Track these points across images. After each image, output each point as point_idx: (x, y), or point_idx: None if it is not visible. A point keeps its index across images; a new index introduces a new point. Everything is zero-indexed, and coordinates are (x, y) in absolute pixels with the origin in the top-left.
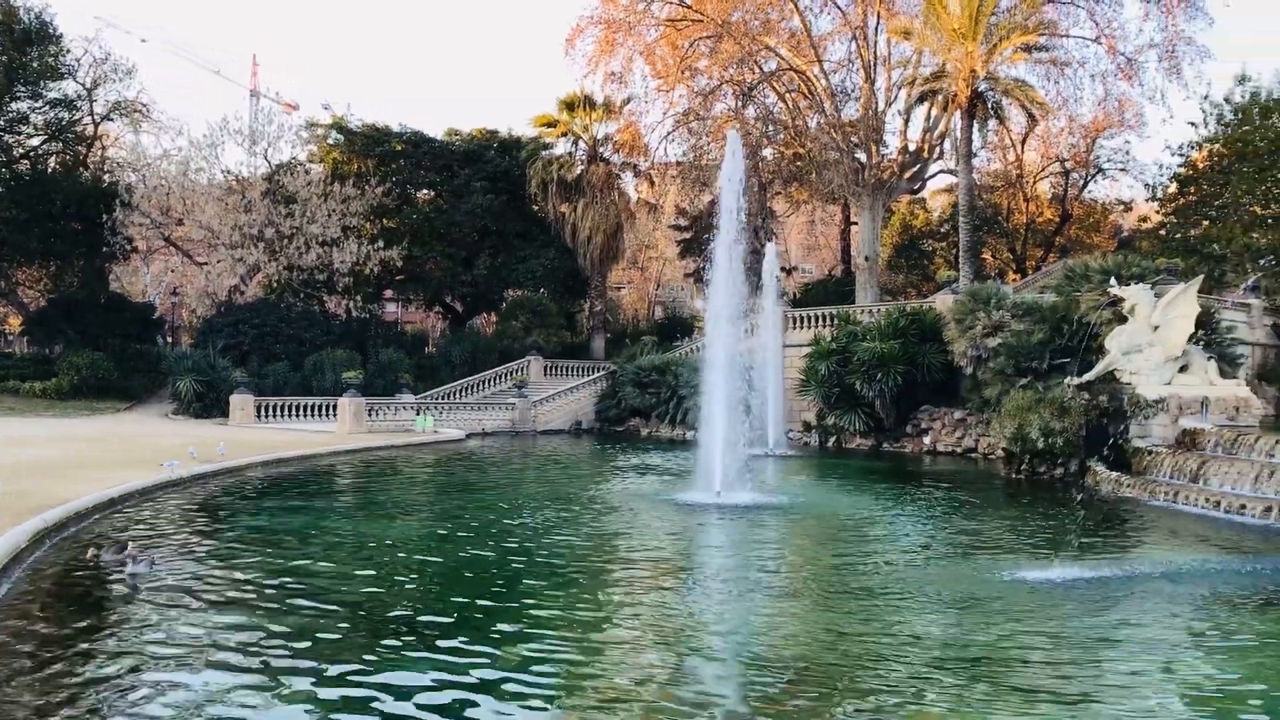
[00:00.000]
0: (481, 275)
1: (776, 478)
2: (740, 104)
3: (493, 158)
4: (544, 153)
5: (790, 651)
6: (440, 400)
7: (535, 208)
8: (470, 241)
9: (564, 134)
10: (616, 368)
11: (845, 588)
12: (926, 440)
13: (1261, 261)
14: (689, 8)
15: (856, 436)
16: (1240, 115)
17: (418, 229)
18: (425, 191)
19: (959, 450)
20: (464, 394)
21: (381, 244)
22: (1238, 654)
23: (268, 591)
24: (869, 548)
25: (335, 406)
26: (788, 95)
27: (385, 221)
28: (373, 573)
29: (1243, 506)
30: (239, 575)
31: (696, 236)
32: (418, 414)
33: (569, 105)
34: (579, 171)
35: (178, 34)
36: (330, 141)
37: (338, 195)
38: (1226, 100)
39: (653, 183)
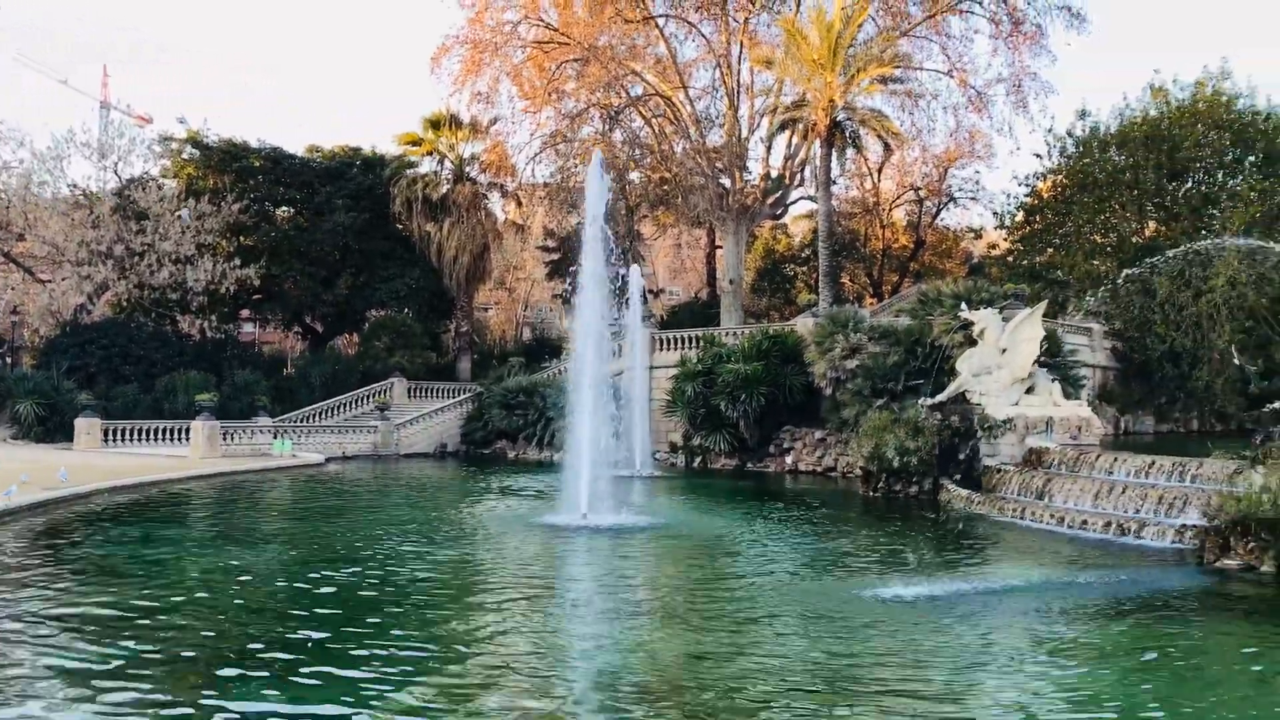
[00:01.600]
0: (343, 295)
1: (643, 499)
2: (607, 127)
3: (356, 175)
4: (409, 171)
5: (652, 673)
6: (299, 423)
7: (400, 227)
8: (331, 260)
9: (429, 153)
10: (483, 389)
11: (708, 608)
12: (789, 460)
13: (1101, 288)
14: (556, 31)
15: (722, 457)
16: (1081, 148)
17: (277, 247)
18: (285, 209)
19: (819, 469)
20: (324, 416)
21: (238, 262)
22: (1084, 662)
23: (108, 624)
24: (732, 567)
25: (188, 430)
26: (654, 120)
27: (242, 239)
28: (224, 603)
29: (1084, 522)
30: (77, 608)
31: (565, 258)
32: (275, 437)
33: (435, 124)
34: (445, 191)
35: (22, 40)
36: (185, 156)
37: (192, 212)
38: (1069, 134)
39: (520, 203)
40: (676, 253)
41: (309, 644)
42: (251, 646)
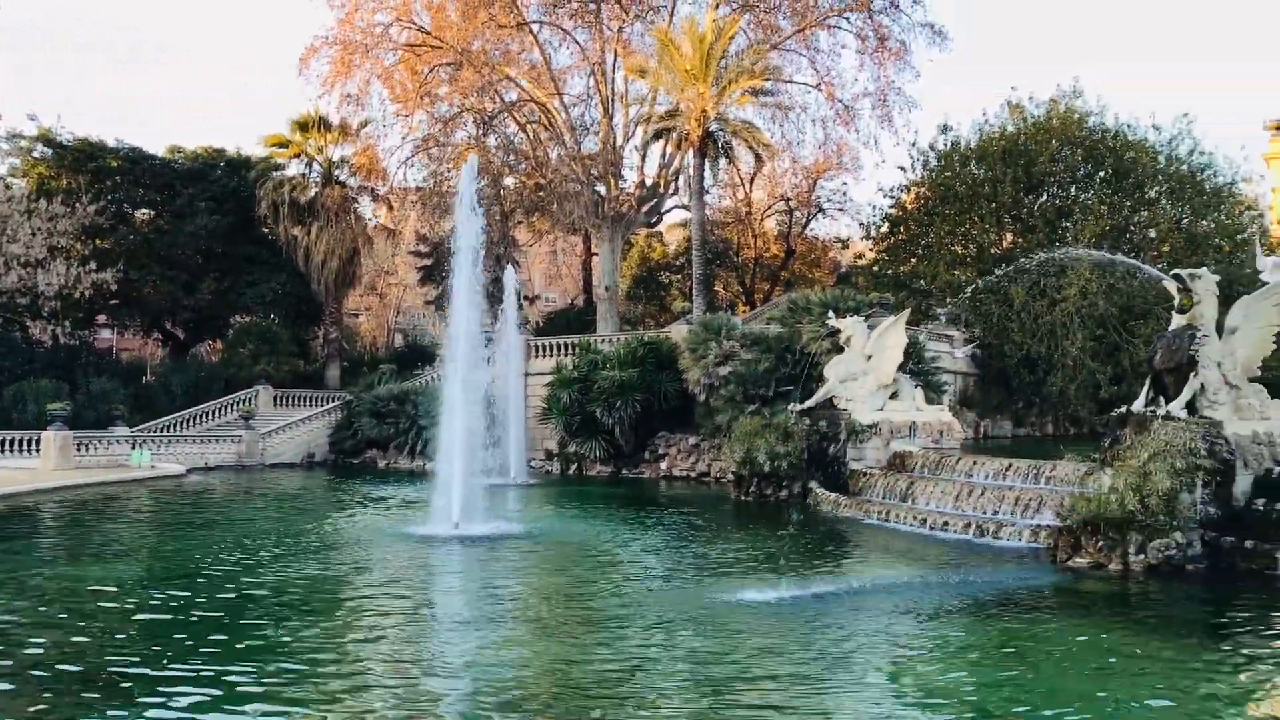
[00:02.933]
0: (206, 300)
1: (517, 507)
2: (481, 132)
3: (219, 177)
4: (275, 173)
5: (522, 681)
6: (159, 433)
7: (266, 230)
8: (194, 264)
9: (297, 155)
10: (353, 397)
11: (580, 615)
12: (663, 466)
13: (962, 295)
14: (428, 34)
15: (597, 464)
16: (943, 162)
17: (135, 250)
18: (144, 211)
19: (693, 475)
20: (186, 426)
21: (94, 266)
22: (944, 658)
23: None
24: (605, 574)
25: (39, 441)
26: (529, 126)
27: (99, 242)
28: (75, 621)
29: (946, 523)
30: None
31: (438, 263)
32: (134, 448)
33: (303, 126)
34: (313, 194)
35: None
36: (36, 155)
37: (44, 213)
38: (931, 147)
39: (392, 207)
40: (552, 259)
41: (165, 662)
42: (104, 665)
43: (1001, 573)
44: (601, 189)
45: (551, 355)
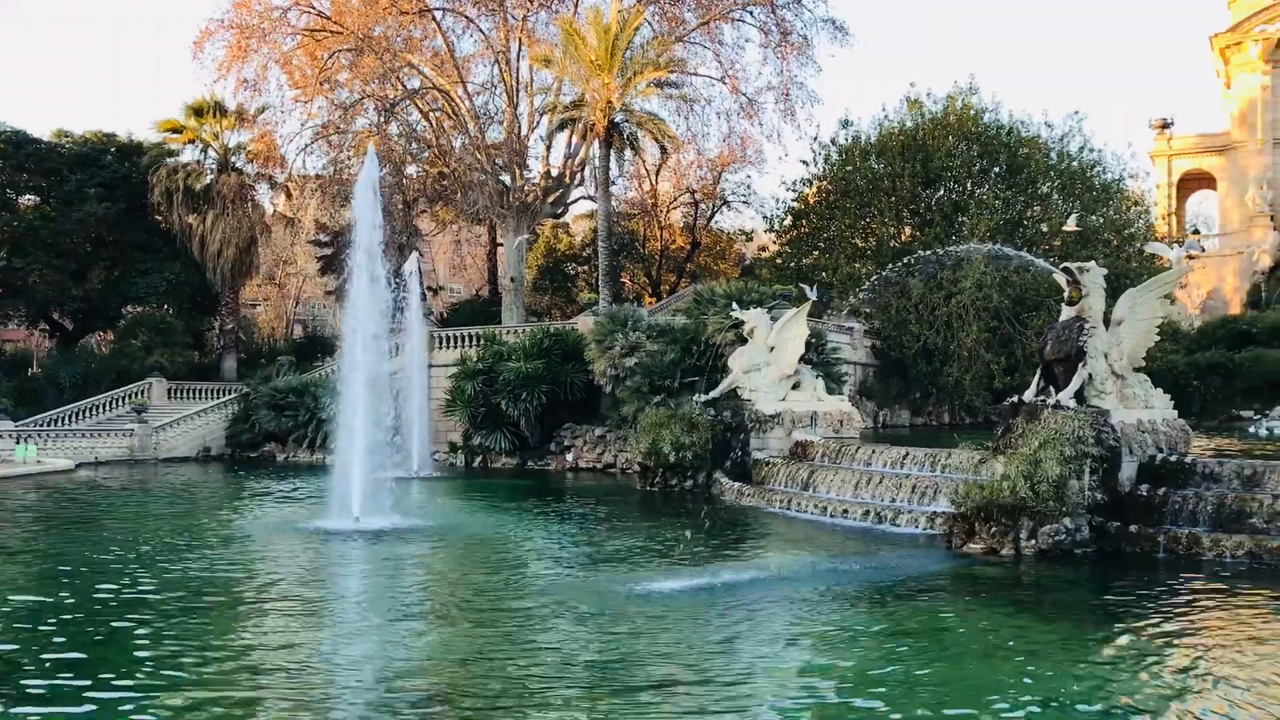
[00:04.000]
0: (96, 290)
1: (420, 500)
2: (383, 119)
3: (110, 163)
4: (169, 160)
5: (424, 675)
6: (46, 427)
7: (159, 218)
8: (83, 253)
9: (192, 141)
10: (250, 389)
11: (484, 608)
12: (569, 457)
13: (861, 288)
14: (328, 19)
15: (502, 456)
16: (844, 156)
17: (19, 238)
18: (29, 197)
19: (600, 466)
20: (75, 419)
21: None
22: (843, 644)
23: None
24: (510, 566)
25: None
26: (432, 114)
27: None
28: None
29: (845, 511)
30: None
31: (338, 253)
32: (18, 442)
33: (198, 111)
34: (209, 181)
35: None
36: None
37: None
38: (833, 142)
39: (290, 196)
40: (457, 249)
41: (51, 664)
42: None
43: (899, 559)
44: (506, 179)
45: (456, 347)
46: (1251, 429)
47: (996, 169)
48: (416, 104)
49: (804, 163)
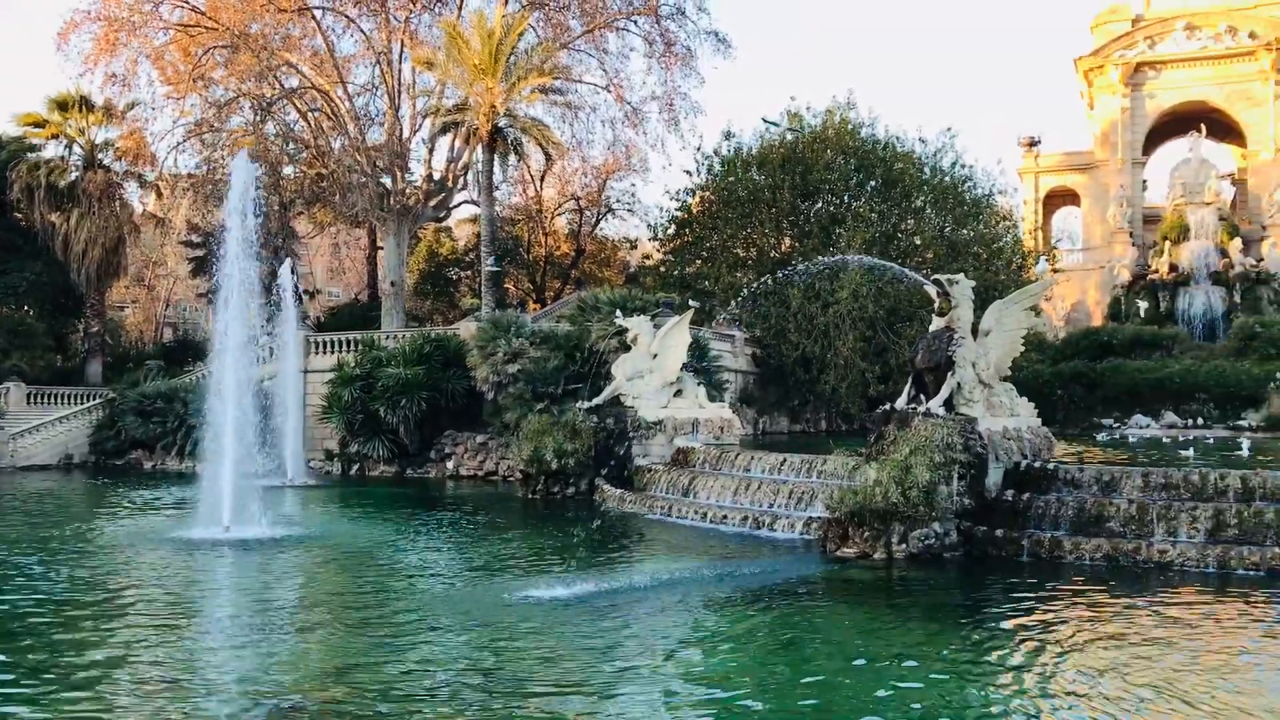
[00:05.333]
0: None
1: (294, 509)
2: (259, 119)
3: None
4: (31, 155)
5: (294, 687)
6: None
7: (19, 216)
8: None
9: (55, 136)
10: (117, 394)
11: (360, 618)
12: (450, 465)
13: (741, 297)
14: (202, 14)
15: (380, 464)
16: (726, 167)
17: None
18: None
19: (481, 474)
20: None
21: None
22: (721, 649)
23: None
24: (386, 576)
25: None
26: (310, 114)
27: None
28: None
29: (725, 516)
30: None
31: (210, 254)
32: None
33: (62, 105)
34: (73, 178)
35: None
36: None
37: None
38: (716, 153)
39: (161, 195)
40: (335, 252)
41: None
42: None
43: (775, 564)
44: (387, 181)
45: (333, 352)
46: (1102, 435)
47: (872, 183)
48: (294, 104)
49: (687, 172)
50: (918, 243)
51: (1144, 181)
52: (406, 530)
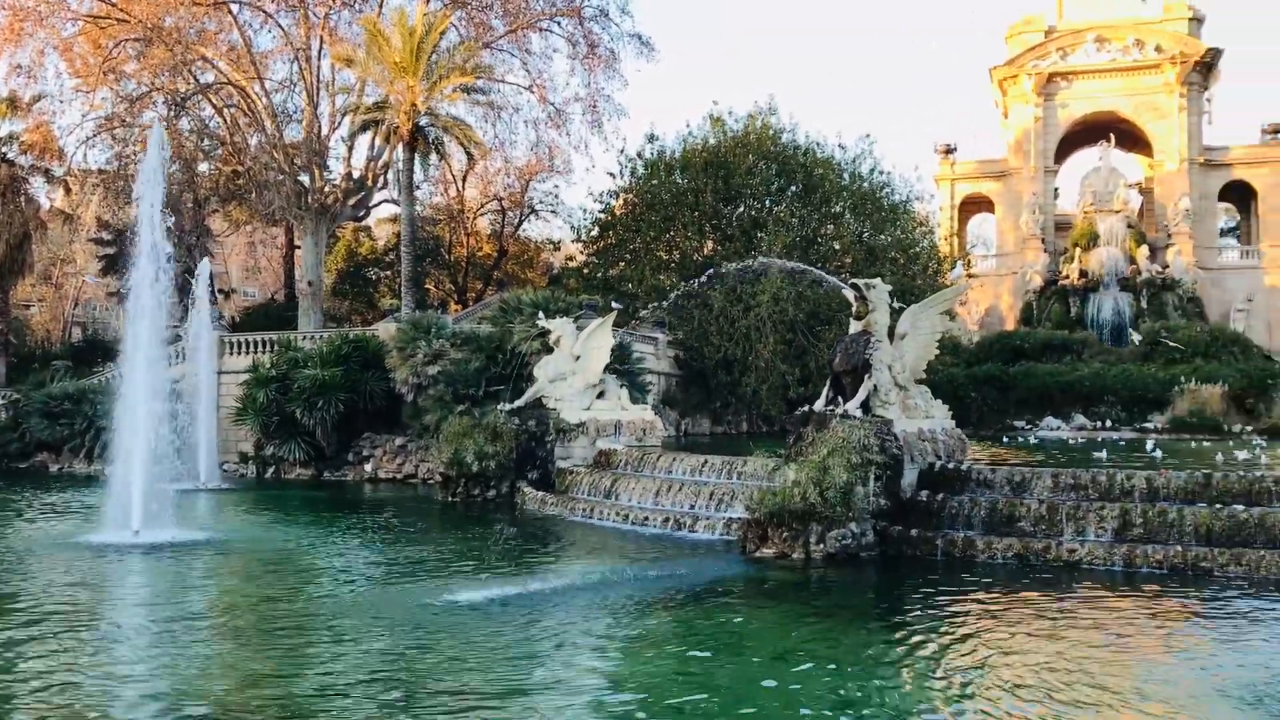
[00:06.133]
0: None
1: (207, 512)
2: (173, 114)
3: None
4: None
5: (204, 695)
6: None
7: None
8: None
9: None
10: (21, 395)
11: (274, 623)
12: (368, 468)
13: (664, 300)
14: (114, 6)
15: (297, 466)
16: (649, 170)
17: None
18: None
19: (400, 477)
20: None
21: None
22: (641, 650)
23: None
24: (302, 581)
25: None
26: (226, 110)
27: None
28: None
29: (646, 518)
30: None
31: (121, 252)
32: None
33: None
34: None
35: None
36: None
37: None
38: (639, 155)
39: (69, 190)
40: (251, 251)
41: None
42: None
43: (696, 565)
44: (305, 179)
45: (248, 353)
46: (1021, 438)
47: (793, 188)
48: (210, 99)
49: (611, 174)
50: (837, 247)
51: (1056, 189)
52: (323, 534)
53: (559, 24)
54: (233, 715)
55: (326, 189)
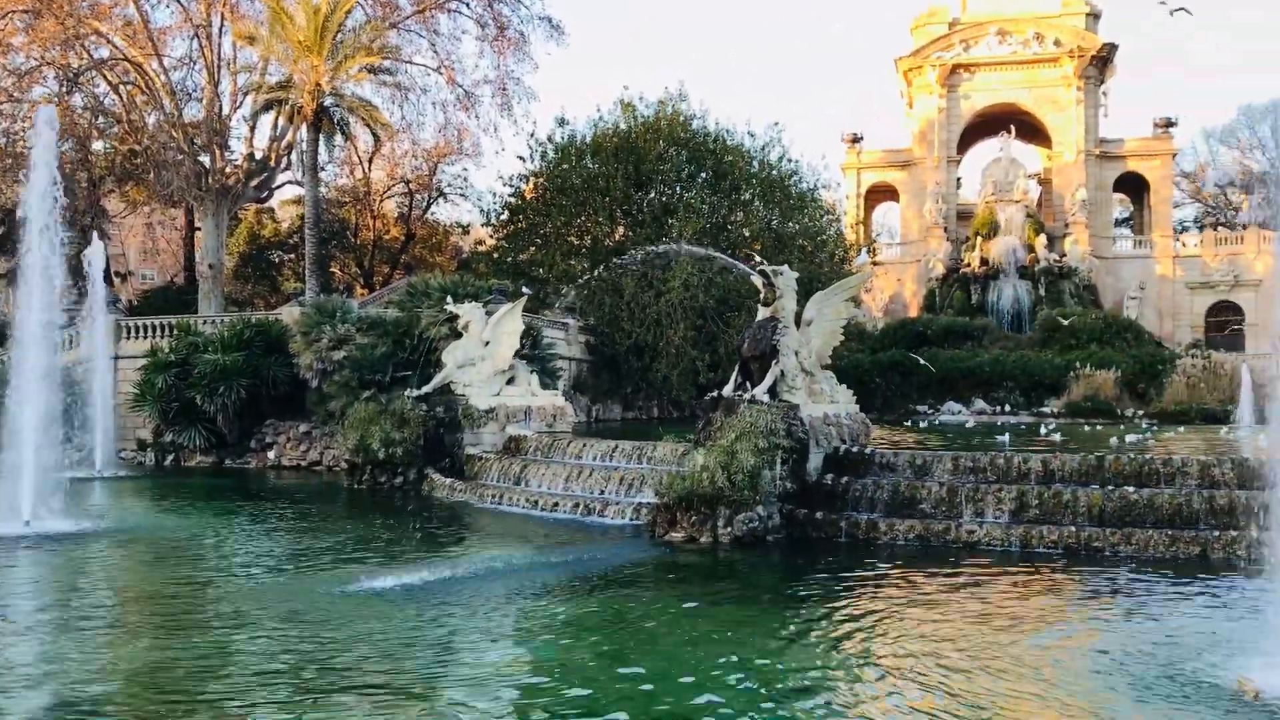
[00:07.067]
0: None
1: (103, 501)
2: (65, 90)
3: None
4: None
5: (108, 690)
6: None
7: None
8: None
9: None
10: None
11: (172, 615)
12: (271, 455)
13: (575, 285)
14: None
15: (198, 454)
16: (560, 154)
17: None
18: None
19: (305, 464)
20: None
21: None
22: (552, 635)
23: None
24: (203, 571)
25: None
26: (123, 87)
27: None
28: None
29: (556, 504)
30: None
31: (10, 232)
32: None
33: None
34: None
35: None
36: None
37: None
38: (550, 139)
39: None
40: (149, 233)
41: None
42: None
43: (605, 549)
44: (206, 159)
45: (146, 337)
46: (924, 422)
47: (703, 174)
48: (105, 75)
49: (521, 158)
50: (746, 234)
51: (958, 179)
52: (224, 522)
53: (468, 5)
54: (130, 711)
55: (228, 169)
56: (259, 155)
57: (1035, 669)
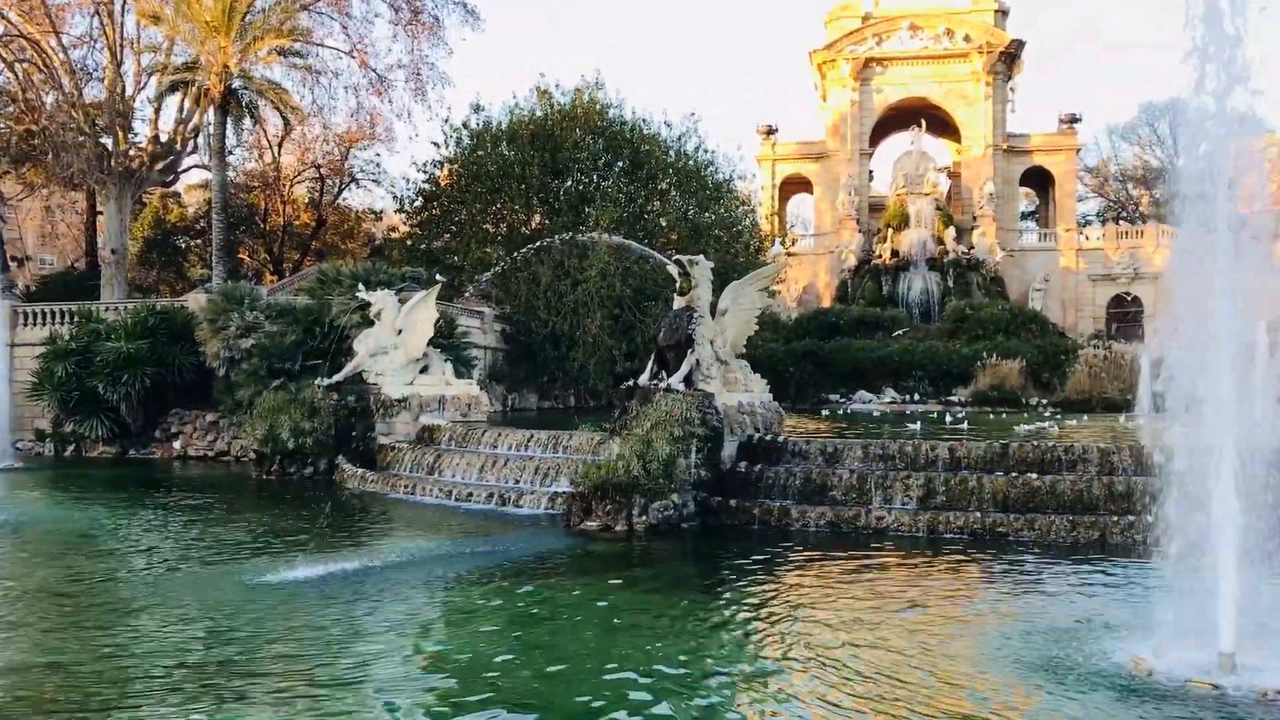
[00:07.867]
0: None
1: None
2: None
3: None
4: None
5: (5, 692)
6: None
7: None
8: None
9: None
10: None
11: (72, 609)
12: (177, 445)
13: (490, 273)
14: None
15: (100, 444)
16: (475, 141)
17: None
18: None
19: (212, 454)
20: None
21: None
22: (466, 626)
23: None
24: (106, 564)
25: None
26: (18, 65)
27: None
28: None
29: (470, 494)
30: None
31: None
32: None
33: None
34: None
35: None
36: None
37: None
38: (464, 125)
39: None
40: (48, 216)
41: None
42: None
43: (520, 539)
44: (108, 142)
45: (45, 324)
46: (837, 410)
47: (620, 163)
48: (0, 53)
49: (435, 144)
50: (663, 224)
51: (871, 172)
52: (127, 514)
53: None
54: (28, 711)
55: (131, 152)
56: (164, 138)
57: (936, 652)
